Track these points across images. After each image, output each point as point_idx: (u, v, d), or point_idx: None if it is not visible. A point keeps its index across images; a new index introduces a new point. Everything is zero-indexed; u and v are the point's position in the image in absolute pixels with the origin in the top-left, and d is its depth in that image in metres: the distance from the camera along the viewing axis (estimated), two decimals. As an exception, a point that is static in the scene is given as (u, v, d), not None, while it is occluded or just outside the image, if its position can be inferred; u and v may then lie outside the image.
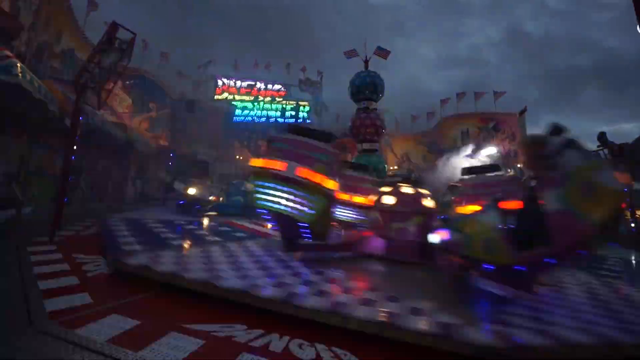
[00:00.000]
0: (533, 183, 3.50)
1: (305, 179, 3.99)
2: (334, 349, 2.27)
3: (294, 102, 30.44)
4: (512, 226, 3.25)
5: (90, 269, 3.93)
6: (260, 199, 4.21)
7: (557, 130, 3.45)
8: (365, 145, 20.56)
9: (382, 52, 22.97)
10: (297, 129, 4.84)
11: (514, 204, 3.48)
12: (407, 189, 5.67)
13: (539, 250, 3.02)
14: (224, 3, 59.12)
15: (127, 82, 20.06)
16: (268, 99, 30.16)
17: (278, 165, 4.05)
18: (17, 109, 8.87)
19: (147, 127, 21.61)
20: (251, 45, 54.71)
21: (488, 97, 28.75)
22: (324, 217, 4.41)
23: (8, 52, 6.84)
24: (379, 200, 5.70)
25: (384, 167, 21.38)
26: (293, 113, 29.93)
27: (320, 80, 31.99)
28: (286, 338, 2.39)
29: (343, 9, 64.48)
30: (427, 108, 31.24)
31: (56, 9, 12.25)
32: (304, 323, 2.58)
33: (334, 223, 5.50)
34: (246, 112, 29.33)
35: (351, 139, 20.69)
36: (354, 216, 5.81)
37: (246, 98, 29.88)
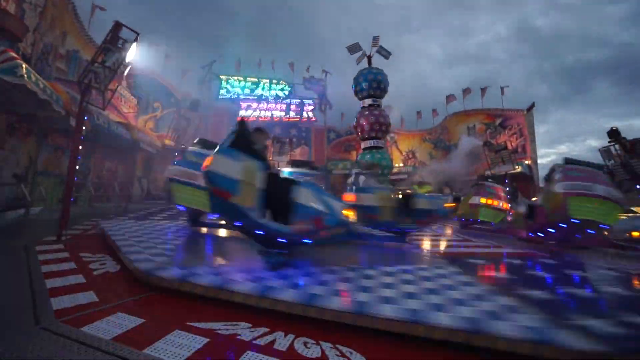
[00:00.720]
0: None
1: None
2: (339, 346, 2.24)
3: (298, 101, 30.40)
4: None
5: (96, 267, 3.95)
6: None
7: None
8: (370, 143, 20.57)
9: (384, 53, 22.88)
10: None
11: None
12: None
13: None
14: (229, 3, 59.26)
15: (132, 82, 20.19)
16: (272, 97, 30.16)
17: None
18: (24, 109, 8.99)
19: (153, 126, 21.74)
20: (256, 45, 54.87)
21: (495, 94, 28.35)
22: None
23: (13, 53, 6.90)
24: None
25: (389, 163, 21.32)
26: (298, 110, 29.91)
27: (324, 78, 31.90)
28: (291, 336, 2.36)
29: (349, 8, 64.17)
30: (433, 105, 31.00)
31: (61, 10, 12.34)
32: (310, 321, 2.56)
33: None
34: (250, 111, 29.35)
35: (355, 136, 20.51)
36: None
37: (250, 97, 29.93)
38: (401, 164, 29.14)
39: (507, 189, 10.87)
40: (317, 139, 29.88)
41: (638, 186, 10.54)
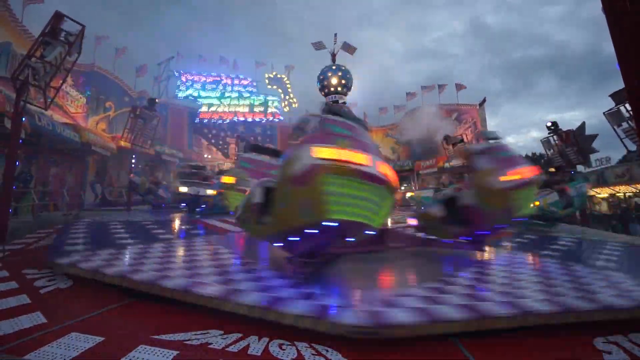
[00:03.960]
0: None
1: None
2: (315, 345, 2.23)
3: (262, 98, 29.80)
4: None
5: (44, 284, 3.56)
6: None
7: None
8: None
9: (349, 48, 23.23)
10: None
11: None
12: None
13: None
14: (186, -4, 56.34)
15: (82, 82, 18.50)
16: (235, 95, 29.22)
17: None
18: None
19: (105, 127, 20.11)
20: (217, 40, 52.82)
21: (452, 89, 30.01)
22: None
23: None
24: None
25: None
26: (262, 109, 29.30)
27: (287, 75, 31.60)
28: (265, 339, 2.31)
29: (312, 3, 64.04)
30: (395, 100, 32.06)
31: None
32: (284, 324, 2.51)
33: None
34: (212, 109, 28.22)
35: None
36: None
37: (212, 94, 28.73)
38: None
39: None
40: (282, 136, 29.57)
41: (572, 172, 11.79)
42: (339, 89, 21.12)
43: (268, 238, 3.72)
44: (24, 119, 5.77)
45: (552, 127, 14.73)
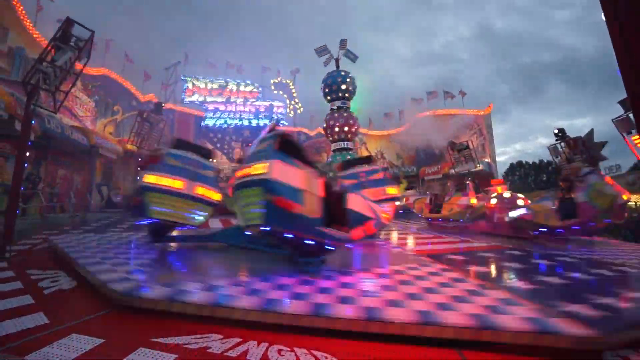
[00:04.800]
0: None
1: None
2: (314, 352, 2.21)
3: (268, 103, 30.06)
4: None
5: (47, 285, 3.59)
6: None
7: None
8: (340, 144, 20.85)
9: (351, 56, 23.37)
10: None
11: None
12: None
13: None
14: (197, 1, 57.28)
15: (89, 84, 18.86)
16: (240, 100, 29.52)
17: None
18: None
19: (113, 131, 20.44)
20: (224, 44, 53.49)
21: (458, 95, 29.95)
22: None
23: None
24: None
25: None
26: (267, 114, 29.53)
27: (293, 80, 31.85)
28: (264, 345, 2.29)
29: (321, 7, 64.30)
30: (401, 105, 32.07)
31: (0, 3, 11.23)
32: (283, 329, 2.50)
33: None
34: (218, 114, 28.53)
35: (324, 139, 20.71)
36: None
37: (218, 99, 29.07)
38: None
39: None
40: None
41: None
42: (343, 94, 21.20)
43: None
44: (33, 121, 5.88)
45: (560, 134, 14.58)
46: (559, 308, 2.66)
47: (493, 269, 4.64)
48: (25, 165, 5.60)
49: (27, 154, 5.63)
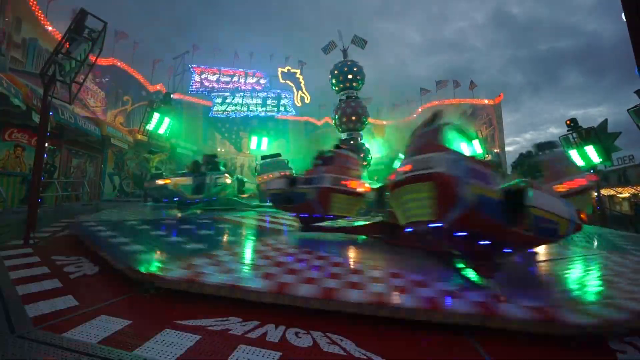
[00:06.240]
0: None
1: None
2: (329, 334, 2.32)
3: (276, 93, 29.96)
4: None
5: (72, 270, 3.78)
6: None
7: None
8: (348, 134, 20.74)
9: (359, 43, 22.93)
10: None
11: None
12: None
13: None
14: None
15: (101, 76, 19.04)
16: (248, 90, 29.49)
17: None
18: (-24, 104, 8.28)
19: (123, 121, 20.71)
20: (232, 31, 52.87)
21: (467, 85, 29.40)
22: None
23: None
24: None
25: (368, 154, 21.61)
26: (275, 102, 29.48)
27: (301, 69, 31.57)
28: (282, 328, 2.41)
29: None
30: (410, 93, 31.66)
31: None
32: (300, 312, 2.62)
33: None
34: (225, 105, 28.57)
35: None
36: None
37: (226, 89, 29.09)
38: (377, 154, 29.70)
39: None
40: (293, 132, 29.71)
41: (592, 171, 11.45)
42: (351, 84, 20.97)
43: None
44: (51, 113, 6.04)
45: (572, 125, 14.27)
46: None
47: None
48: (45, 155, 5.79)
49: (46, 144, 5.81)
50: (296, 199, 5.45)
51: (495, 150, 25.13)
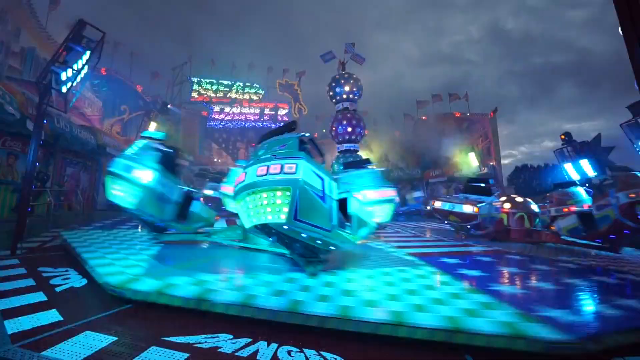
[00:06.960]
0: None
1: None
2: (323, 353, 2.24)
3: (273, 104, 30.19)
4: None
5: (59, 282, 3.65)
6: None
7: None
8: (346, 146, 20.82)
9: (358, 59, 23.32)
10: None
11: None
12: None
13: None
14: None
15: (96, 84, 19.08)
16: (246, 100, 29.70)
17: None
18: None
19: (120, 130, 20.65)
20: (230, 42, 53.53)
21: (466, 97, 29.86)
22: None
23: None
24: None
25: (364, 167, 21.61)
26: (272, 113, 29.67)
27: (298, 81, 31.95)
28: (274, 345, 2.32)
29: (329, 3, 63.58)
30: (407, 106, 32.00)
31: (11, 3, 11.40)
32: (293, 329, 2.53)
33: None
34: (222, 115, 28.70)
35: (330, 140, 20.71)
36: None
37: (223, 100, 29.28)
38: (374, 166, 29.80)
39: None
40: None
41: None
42: (349, 96, 21.20)
43: None
44: (45, 121, 5.98)
45: (566, 138, 14.47)
46: (538, 313, 2.68)
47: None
48: (37, 164, 5.70)
49: (39, 152, 5.73)
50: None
51: (491, 163, 25.34)
